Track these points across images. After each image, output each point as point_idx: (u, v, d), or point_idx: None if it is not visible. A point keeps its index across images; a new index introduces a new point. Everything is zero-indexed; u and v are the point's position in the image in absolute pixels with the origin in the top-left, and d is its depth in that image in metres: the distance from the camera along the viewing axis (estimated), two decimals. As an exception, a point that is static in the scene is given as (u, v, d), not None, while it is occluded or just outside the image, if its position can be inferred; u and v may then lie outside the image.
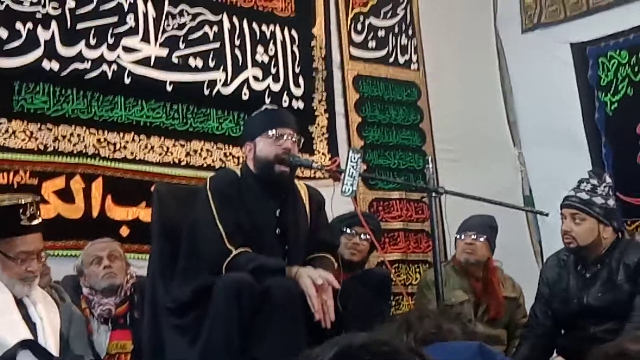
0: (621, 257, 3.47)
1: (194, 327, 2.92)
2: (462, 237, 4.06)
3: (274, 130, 3.11)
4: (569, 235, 3.51)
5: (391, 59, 5.33)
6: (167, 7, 4.35)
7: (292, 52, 4.84)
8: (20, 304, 2.58)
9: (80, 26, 4.03)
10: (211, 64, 4.47)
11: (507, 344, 4.05)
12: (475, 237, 4.02)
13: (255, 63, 4.66)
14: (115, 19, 4.14)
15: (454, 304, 3.88)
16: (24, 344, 2.42)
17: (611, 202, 3.55)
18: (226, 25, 4.57)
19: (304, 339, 2.77)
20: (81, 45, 4.02)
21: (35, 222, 2.62)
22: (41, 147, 3.82)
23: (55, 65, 3.93)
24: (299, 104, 4.79)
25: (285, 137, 3.11)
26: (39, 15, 3.90)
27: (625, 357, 1.86)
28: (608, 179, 3.62)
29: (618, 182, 4.18)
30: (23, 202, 2.59)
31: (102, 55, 4.07)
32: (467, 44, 5.62)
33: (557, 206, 3.65)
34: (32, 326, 2.57)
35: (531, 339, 3.67)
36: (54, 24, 3.94)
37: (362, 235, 3.86)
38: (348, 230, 3.85)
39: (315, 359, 0.94)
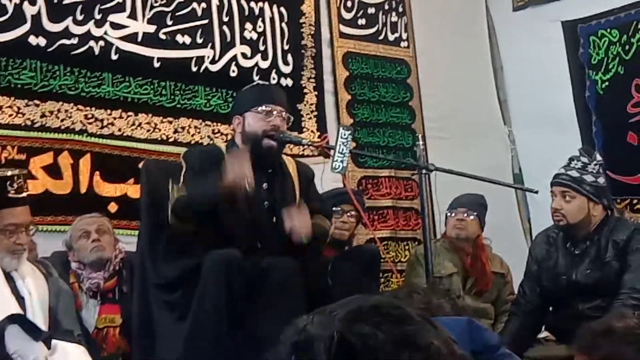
0: (610, 234, 3.48)
1: (183, 303, 2.92)
2: (453, 214, 4.10)
3: (263, 106, 3.09)
4: (559, 212, 3.51)
5: (381, 37, 5.30)
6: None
7: (281, 29, 4.80)
8: (8, 277, 2.58)
9: (67, 1, 3.99)
10: (199, 41, 4.44)
11: (495, 319, 4.08)
12: (466, 214, 4.07)
13: (243, 40, 4.62)
14: (102, -6, 4.11)
15: (443, 276, 3.94)
16: (12, 319, 2.41)
17: (601, 180, 3.55)
18: (214, 1, 4.54)
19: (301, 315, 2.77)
20: (68, 21, 3.98)
21: (22, 194, 2.61)
22: (29, 123, 3.80)
23: (42, 41, 3.89)
24: (287, 82, 4.76)
25: (275, 113, 3.10)
26: (25, -10, 3.86)
27: (611, 334, 1.87)
28: (598, 157, 3.62)
29: (608, 161, 4.18)
30: (9, 174, 2.58)
31: (89, 31, 4.04)
32: (458, 22, 5.59)
33: (547, 184, 3.65)
34: (20, 300, 2.56)
35: (519, 315, 3.68)
36: (40, 0, 3.90)
37: (349, 214, 3.88)
38: (335, 209, 3.85)
39: (330, 314, 0.94)
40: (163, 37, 4.31)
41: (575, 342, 1.95)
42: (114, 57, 4.12)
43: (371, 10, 5.28)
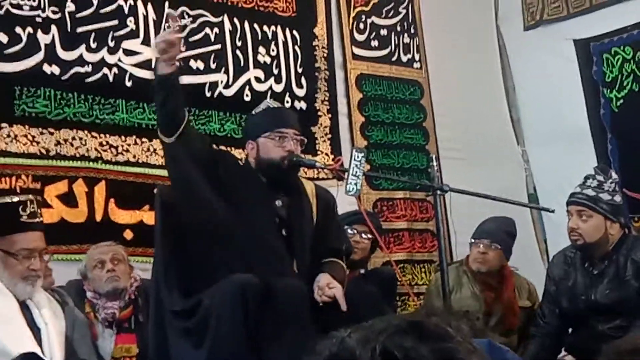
0: (628, 253, 3.45)
1: (200, 329, 2.89)
2: (477, 242, 3.97)
3: (277, 131, 3.09)
4: (576, 232, 3.48)
5: (394, 58, 5.31)
6: (167, 9, 4.33)
7: (294, 52, 4.82)
8: (24, 307, 2.56)
9: (80, 30, 4.02)
10: (212, 66, 4.46)
11: (517, 345, 3.97)
12: (490, 245, 3.93)
13: (257, 64, 4.64)
14: (115, 22, 4.14)
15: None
16: (25, 357, 2.39)
17: (618, 198, 3.53)
18: (227, 26, 4.56)
19: (313, 339, 2.75)
20: (82, 49, 4.01)
21: (36, 219, 2.60)
22: (43, 152, 3.82)
23: (56, 69, 3.92)
24: (301, 105, 4.77)
25: (288, 137, 3.09)
26: (39, 20, 3.90)
27: (638, 353, 1.84)
28: (614, 175, 3.60)
29: (624, 179, 4.15)
30: (23, 199, 2.58)
31: (102, 59, 4.07)
32: (469, 42, 5.60)
33: (563, 203, 3.63)
34: (36, 331, 2.54)
35: (539, 337, 3.65)
36: (54, 28, 3.94)
37: (363, 234, 3.85)
38: (349, 230, 3.83)
39: (369, 328, 0.95)
40: (176, 63, 4.32)
41: (600, 359, 1.92)
42: (128, 83, 4.14)
43: (383, 32, 5.29)
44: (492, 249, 3.93)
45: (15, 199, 2.64)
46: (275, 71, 4.71)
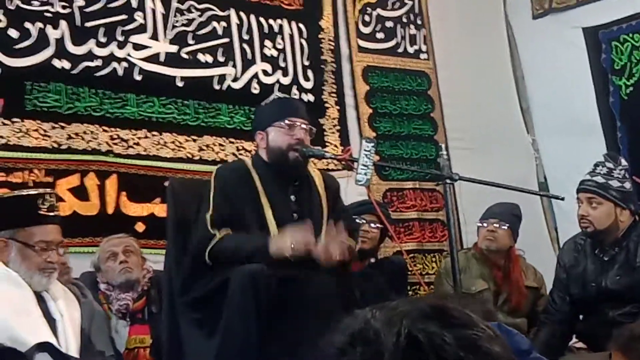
0: (638, 239, 3.45)
1: (212, 320, 2.92)
2: (485, 224, 3.99)
3: (286, 120, 3.10)
4: (586, 219, 3.48)
5: (400, 49, 5.31)
6: (175, 4, 4.36)
7: (301, 45, 4.83)
8: (40, 299, 2.58)
9: (89, 24, 4.04)
10: (221, 59, 4.48)
11: (528, 331, 4.01)
12: (498, 225, 3.95)
13: (264, 57, 4.65)
14: (124, 16, 4.16)
15: (474, 293, 3.83)
16: (41, 346, 2.41)
17: (627, 185, 3.53)
18: (234, 20, 4.58)
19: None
20: (91, 44, 4.03)
21: (53, 212, 2.63)
22: (55, 146, 3.84)
23: (66, 64, 3.95)
24: (308, 97, 4.78)
25: (297, 126, 3.11)
26: (48, 15, 3.92)
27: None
28: (624, 162, 3.60)
29: (634, 166, 4.13)
30: (42, 192, 2.61)
31: (112, 53, 4.09)
32: (477, 31, 5.59)
33: (573, 192, 3.63)
34: (52, 322, 2.56)
35: (550, 324, 3.65)
36: (63, 23, 3.96)
37: (372, 224, 3.84)
38: (357, 219, 3.83)
39: (394, 310, 0.95)
40: (185, 56, 4.35)
41: (613, 341, 1.94)
42: (138, 77, 4.16)
43: (389, 24, 5.29)
44: (501, 228, 3.96)
45: (34, 192, 2.67)
46: (282, 64, 4.72)
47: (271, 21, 4.73)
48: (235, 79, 4.52)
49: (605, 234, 3.49)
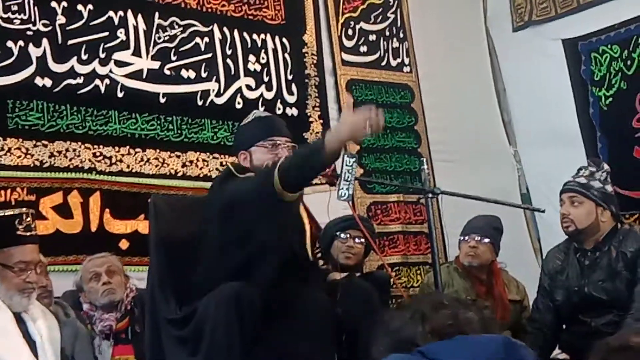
0: (619, 245, 3.48)
1: (195, 337, 2.91)
2: (467, 238, 3.99)
3: (269, 139, 3.11)
4: (567, 218, 3.52)
5: (383, 63, 5.34)
6: (157, 20, 4.37)
7: (284, 59, 4.85)
8: (19, 320, 2.58)
9: (71, 42, 4.05)
10: (204, 75, 4.49)
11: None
12: (479, 239, 3.95)
13: (247, 72, 4.67)
14: (106, 33, 4.17)
15: None
16: None
17: (609, 188, 3.58)
18: (217, 35, 4.59)
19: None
20: (73, 61, 4.04)
21: (31, 232, 2.63)
22: (37, 164, 3.84)
23: (48, 82, 3.95)
24: (292, 111, 4.80)
25: (280, 145, 3.11)
26: (29, 33, 3.93)
27: (628, 350, 1.86)
28: (606, 166, 3.65)
29: (615, 177, 4.16)
30: (18, 212, 2.61)
31: (94, 70, 4.10)
32: (459, 44, 5.63)
33: (555, 202, 3.67)
34: (32, 344, 2.55)
35: (534, 332, 3.67)
36: (45, 41, 3.97)
37: (357, 239, 3.84)
38: (342, 235, 3.83)
39: None
40: (168, 72, 4.36)
41: (591, 356, 1.95)
42: (120, 94, 4.16)
43: (372, 37, 5.32)
44: (482, 243, 3.95)
45: (11, 212, 2.67)
46: (266, 79, 4.74)
47: (254, 36, 4.75)
48: (218, 94, 4.53)
49: (586, 234, 3.52)
